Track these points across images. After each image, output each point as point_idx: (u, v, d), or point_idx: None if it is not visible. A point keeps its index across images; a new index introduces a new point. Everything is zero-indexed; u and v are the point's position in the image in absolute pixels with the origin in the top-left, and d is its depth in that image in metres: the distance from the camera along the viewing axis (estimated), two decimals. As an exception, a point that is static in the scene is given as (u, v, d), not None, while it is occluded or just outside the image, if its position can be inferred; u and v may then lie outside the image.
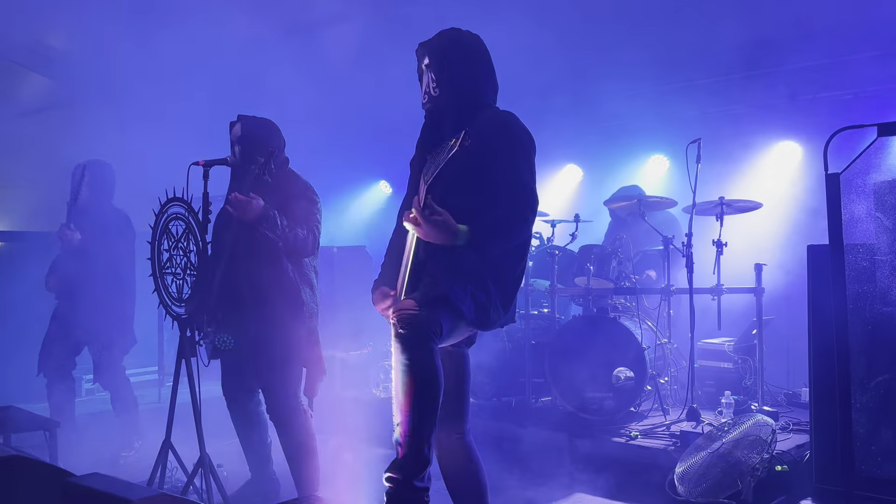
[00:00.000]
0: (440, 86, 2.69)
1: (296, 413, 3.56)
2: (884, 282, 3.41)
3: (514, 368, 5.28)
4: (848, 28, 5.34)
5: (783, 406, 5.13)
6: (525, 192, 2.56)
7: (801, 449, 4.06)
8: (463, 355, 2.72)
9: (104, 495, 2.18)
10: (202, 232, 3.20)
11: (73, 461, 4.00)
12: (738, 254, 5.62)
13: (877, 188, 3.44)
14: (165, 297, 3.37)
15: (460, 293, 2.42)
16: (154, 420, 5.00)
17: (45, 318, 4.85)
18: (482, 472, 2.71)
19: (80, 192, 4.68)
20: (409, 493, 2.32)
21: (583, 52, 6.17)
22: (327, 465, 4.28)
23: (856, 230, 3.44)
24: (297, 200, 3.58)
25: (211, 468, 3.23)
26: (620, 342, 4.75)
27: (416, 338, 2.30)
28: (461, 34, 2.75)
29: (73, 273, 4.69)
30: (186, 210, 3.25)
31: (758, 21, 5.46)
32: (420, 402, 2.31)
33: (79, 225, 4.67)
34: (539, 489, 4.18)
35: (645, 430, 4.48)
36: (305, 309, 3.58)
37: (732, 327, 5.26)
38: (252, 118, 3.67)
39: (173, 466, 3.45)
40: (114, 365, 4.87)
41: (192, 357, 3.26)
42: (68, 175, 4.81)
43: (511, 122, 2.64)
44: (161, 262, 3.38)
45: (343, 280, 6.71)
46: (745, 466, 3.55)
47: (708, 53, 6.00)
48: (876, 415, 3.43)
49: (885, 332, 3.41)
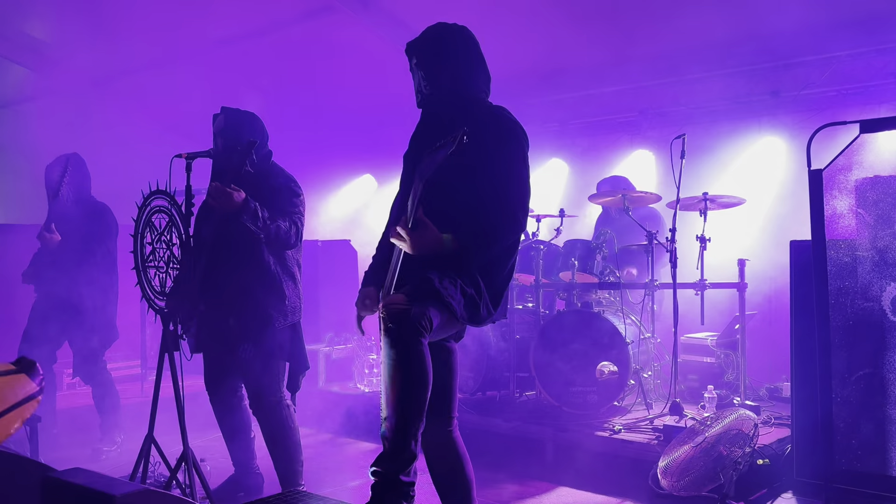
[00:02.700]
0: (430, 83, 2.69)
1: (279, 408, 3.55)
2: (865, 277, 3.44)
3: (498, 363, 5.29)
4: (830, 24, 5.38)
5: (765, 400, 5.18)
6: (520, 187, 2.56)
7: (782, 443, 4.10)
8: (450, 350, 2.72)
9: (85, 490, 2.15)
10: (185, 225, 3.17)
11: (54, 456, 3.96)
12: (722, 249, 5.66)
13: (859, 184, 3.48)
14: (148, 291, 3.34)
15: (450, 288, 2.41)
16: (136, 415, 4.96)
17: (24, 312, 4.79)
18: (468, 467, 2.71)
19: (60, 186, 4.61)
20: (395, 487, 2.32)
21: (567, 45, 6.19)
22: (311, 459, 4.28)
23: (838, 226, 3.47)
24: (280, 193, 3.56)
25: (194, 463, 3.21)
26: (604, 337, 4.78)
27: (406, 332, 2.30)
28: (447, 29, 2.73)
29: (53, 267, 4.64)
30: (169, 203, 3.22)
31: (743, 17, 5.48)
32: (408, 396, 2.30)
33: (60, 219, 4.61)
34: (524, 483, 4.19)
35: (628, 425, 4.50)
36: (288, 302, 3.56)
37: (715, 322, 5.29)
38: (235, 110, 3.64)
39: (156, 461, 3.42)
40: (95, 359, 4.82)
41: (175, 351, 3.23)
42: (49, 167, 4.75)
43: (503, 117, 2.64)
44: (144, 256, 3.35)
45: (327, 274, 6.68)
46: (728, 460, 3.57)
47: (693, 49, 6.02)
48: (856, 409, 3.47)
49: (866, 327, 3.45)
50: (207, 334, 3.53)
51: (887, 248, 3.39)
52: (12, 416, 1.39)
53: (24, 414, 1.43)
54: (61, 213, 4.63)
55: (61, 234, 4.60)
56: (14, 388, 1.40)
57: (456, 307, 2.41)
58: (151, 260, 3.33)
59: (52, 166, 4.70)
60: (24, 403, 1.42)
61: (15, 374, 1.41)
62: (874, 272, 3.42)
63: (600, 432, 4.41)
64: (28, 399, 1.43)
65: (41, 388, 1.46)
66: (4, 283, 5.58)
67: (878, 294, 3.42)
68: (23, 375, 1.43)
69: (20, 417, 1.42)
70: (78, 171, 4.73)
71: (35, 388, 1.44)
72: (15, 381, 1.41)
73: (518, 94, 6.95)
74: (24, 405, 1.42)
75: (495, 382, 5.34)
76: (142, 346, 6.82)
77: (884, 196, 3.41)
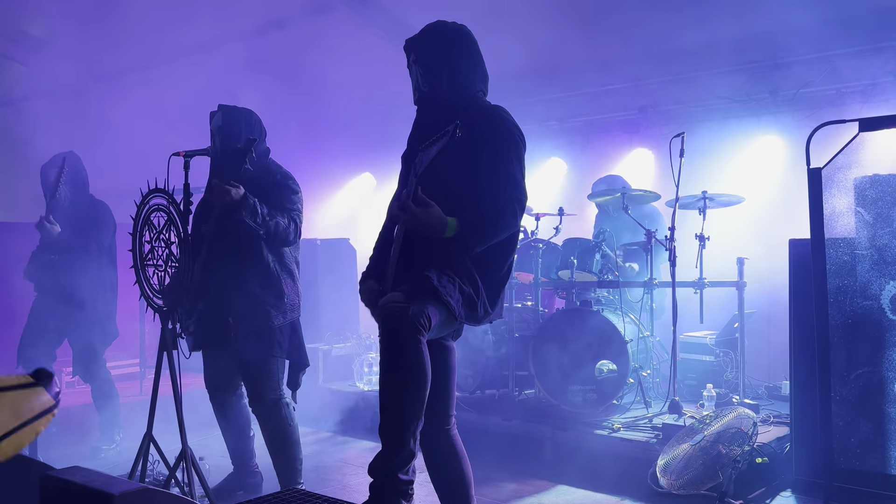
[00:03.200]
0: (427, 81, 2.69)
1: (278, 406, 3.55)
2: (864, 276, 3.44)
3: (497, 361, 5.28)
4: (829, 23, 5.37)
5: (764, 399, 5.18)
6: (514, 187, 2.55)
7: (781, 441, 4.10)
8: (449, 348, 2.72)
9: (84, 489, 2.14)
10: (184, 223, 3.16)
11: (53, 454, 3.96)
12: (721, 248, 5.65)
13: (858, 183, 3.48)
14: (147, 289, 3.33)
15: (448, 286, 2.41)
16: (135, 413, 4.96)
17: (24, 310, 4.79)
18: (467, 465, 2.71)
19: (58, 185, 4.60)
20: (394, 485, 2.32)
21: (566, 44, 6.18)
22: (311, 458, 4.28)
23: (837, 224, 3.47)
24: (278, 190, 3.56)
25: (193, 461, 3.20)
26: (603, 335, 4.77)
27: (404, 331, 2.29)
28: (446, 27, 2.73)
29: (52, 265, 4.63)
30: (168, 201, 3.21)
31: (742, 15, 5.48)
32: (407, 395, 2.30)
33: (58, 218, 4.60)
34: (522, 481, 4.19)
35: (627, 423, 4.50)
36: (287, 300, 3.55)
37: (714, 321, 5.29)
38: (232, 108, 3.63)
39: (155, 460, 3.42)
40: (94, 358, 4.82)
41: (174, 349, 3.22)
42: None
43: (501, 117, 2.63)
44: (142, 254, 3.34)
45: (326, 272, 6.68)
46: (727, 459, 3.58)
47: (691, 48, 6.02)
48: (855, 407, 3.47)
49: (865, 326, 3.45)
50: (206, 332, 3.52)
51: (886, 246, 3.39)
52: (27, 431, 1.36)
53: (39, 428, 1.40)
54: (59, 212, 4.61)
55: (60, 233, 4.59)
56: (31, 402, 1.37)
57: (454, 306, 2.41)
58: (150, 258, 3.32)
59: (48, 166, 4.65)
60: (39, 418, 1.39)
61: (32, 387, 1.39)
62: (873, 271, 3.42)
63: (599, 431, 4.41)
64: (44, 413, 1.40)
65: (58, 401, 1.43)
66: (4, 281, 5.58)
67: (877, 292, 3.42)
68: (40, 388, 1.40)
69: (34, 432, 1.39)
70: (74, 170, 4.69)
71: (51, 401, 1.41)
72: (32, 395, 1.38)
73: (517, 93, 6.95)
74: (39, 419, 1.40)
75: (494, 381, 5.34)
76: (140, 345, 6.83)
77: (883, 194, 3.41)
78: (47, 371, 1.38)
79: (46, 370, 1.39)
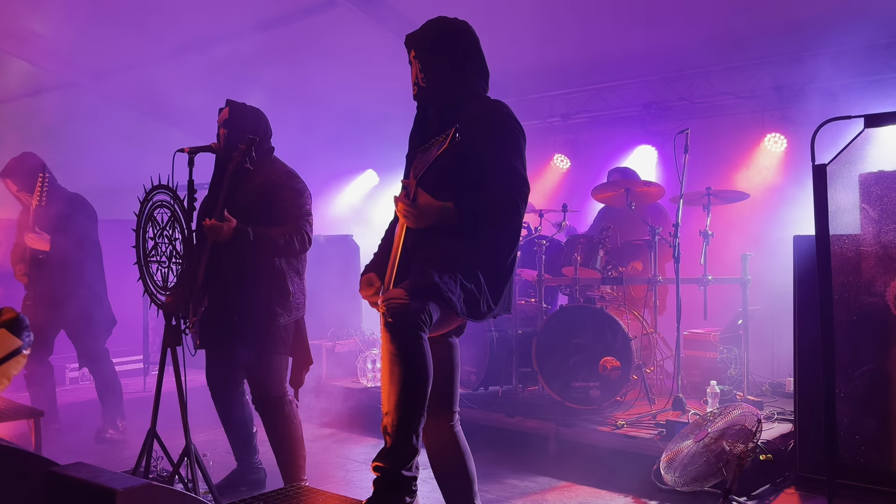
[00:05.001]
0: (427, 77, 2.67)
1: (282, 403, 3.55)
2: (868, 272, 3.43)
3: (500, 358, 5.28)
4: (834, 17, 5.35)
5: (768, 396, 5.17)
6: (516, 178, 2.54)
7: (785, 438, 4.09)
8: (451, 345, 2.72)
9: (88, 485, 2.15)
10: (188, 220, 3.16)
11: (57, 451, 3.97)
12: (725, 244, 5.65)
13: (863, 179, 3.47)
14: (150, 286, 3.33)
15: (450, 282, 2.41)
16: (139, 409, 4.98)
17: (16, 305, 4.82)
18: (470, 461, 2.71)
19: (41, 197, 4.65)
20: (398, 481, 2.32)
21: (570, 40, 6.17)
22: (314, 454, 4.28)
23: (842, 221, 3.46)
24: (281, 191, 3.53)
25: (197, 457, 3.21)
26: (607, 332, 4.77)
27: (406, 327, 2.29)
28: (447, 22, 2.72)
29: (42, 260, 4.68)
30: (172, 197, 3.21)
31: (747, 11, 5.46)
32: (409, 391, 2.30)
33: (41, 217, 4.65)
34: (526, 478, 4.19)
35: (631, 420, 4.50)
36: (292, 298, 3.55)
37: (718, 317, 5.28)
38: (240, 105, 3.62)
39: (158, 456, 3.42)
40: (95, 346, 4.88)
41: (178, 346, 3.22)
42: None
43: (500, 111, 2.62)
44: (146, 251, 3.35)
45: (330, 269, 6.67)
46: (731, 455, 3.57)
47: (695, 44, 6.00)
48: (859, 404, 3.47)
49: (870, 323, 3.44)
50: (211, 330, 3.52)
51: (892, 243, 3.37)
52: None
53: (10, 371, 1.37)
54: (42, 215, 4.67)
55: (45, 231, 4.65)
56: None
57: (455, 302, 2.41)
58: (154, 255, 3.32)
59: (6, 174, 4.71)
60: (7, 360, 1.36)
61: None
62: (878, 267, 3.41)
63: (603, 427, 4.41)
64: (12, 355, 1.36)
65: (27, 341, 1.40)
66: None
67: (881, 289, 3.41)
68: (2, 331, 1.37)
69: (5, 375, 1.36)
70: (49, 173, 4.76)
71: (18, 342, 1.38)
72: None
73: (521, 89, 6.94)
74: (8, 361, 1.36)
75: (497, 377, 5.34)
76: (144, 342, 6.84)
77: (888, 191, 3.39)
78: (11, 310, 1.35)
79: (10, 309, 1.36)
